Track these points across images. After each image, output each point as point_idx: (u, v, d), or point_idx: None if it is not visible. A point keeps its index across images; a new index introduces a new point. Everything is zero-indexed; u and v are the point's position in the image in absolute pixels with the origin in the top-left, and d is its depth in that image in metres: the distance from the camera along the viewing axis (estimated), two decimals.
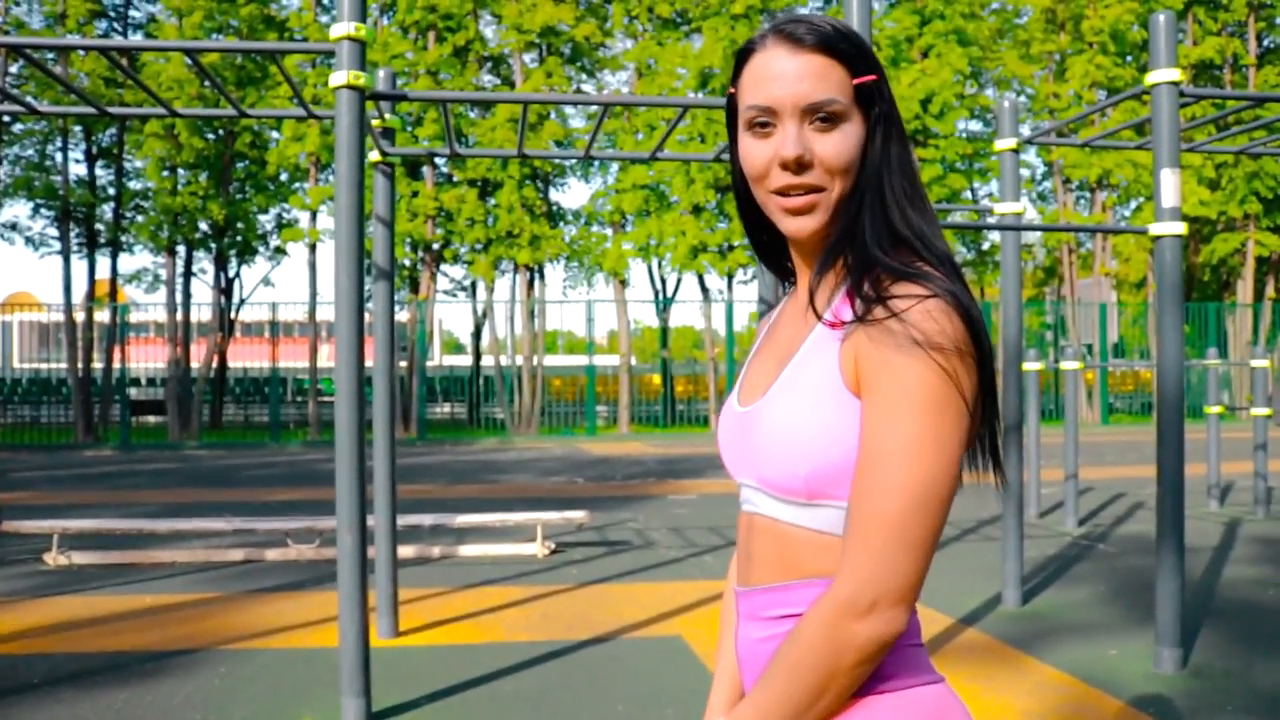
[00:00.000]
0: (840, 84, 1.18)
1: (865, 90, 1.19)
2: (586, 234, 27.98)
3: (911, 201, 1.20)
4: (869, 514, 1.10)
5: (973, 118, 29.74)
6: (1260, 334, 28.67)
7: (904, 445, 1.10)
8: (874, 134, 1.20)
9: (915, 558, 1.10)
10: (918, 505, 1.09)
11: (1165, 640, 5.05)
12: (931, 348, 1.10)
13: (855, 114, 1.19)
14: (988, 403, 1.20)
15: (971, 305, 1.13)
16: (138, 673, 5.09)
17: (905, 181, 1.20)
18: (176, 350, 25.27)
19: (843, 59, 1.18)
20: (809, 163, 1.18)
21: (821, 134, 1.18)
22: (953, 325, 1.11)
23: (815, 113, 1.17)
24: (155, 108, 6.09)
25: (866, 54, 1.20)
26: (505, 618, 6.26)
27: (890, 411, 1.11)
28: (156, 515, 10.41)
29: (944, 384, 1.10)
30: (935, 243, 1.19)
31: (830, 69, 1.18)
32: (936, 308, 1.11)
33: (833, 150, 1.18)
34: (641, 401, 29.44)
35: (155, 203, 25.62)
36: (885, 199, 1.19)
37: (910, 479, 1.09)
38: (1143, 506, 10.88)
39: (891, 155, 1.21)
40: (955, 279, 1.16)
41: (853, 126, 1.19)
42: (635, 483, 14.20)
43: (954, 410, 1.11)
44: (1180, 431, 5.11)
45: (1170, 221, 5.07)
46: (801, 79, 1.17)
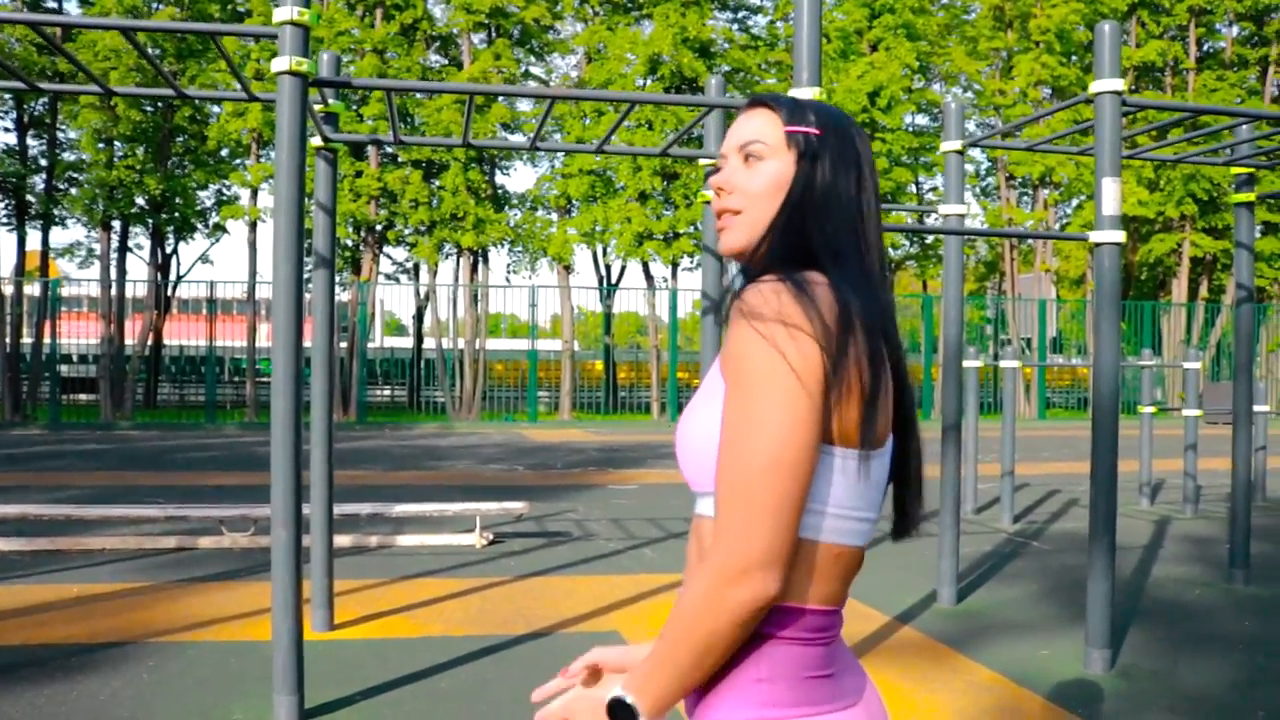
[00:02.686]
0: (771, 130, 1.37)
1: (796, 138, 1.36)
2: (531, 218, 27.82)
3: (846, 234, 1.33)
4: (721, 487, 1.20)
5: (920, 112, 30.01)
6: (1194, 333, 29.31)
7: (741, 418, 1.19)
8: (802, 173, 1.35)
9: (769, 523, 1.17)
10: (762, 472, 1.17)
11: (1095, 642, 5.13)
12: (752, 318, 1.19)
13: (785, 155, 1.36)
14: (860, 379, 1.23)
15: (811, 290, 1.22)
16: (63, 667, 4.96)
17: (844, 216, 1.34)
18: (110, 327, 24.71)
19: (778, 111, 1.38)
20: (729, 189, 1.38)
21: (748, 168, 1.37)
22: (778, 299, 1.20)
23: (742, 149, 1.38)
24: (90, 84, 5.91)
25: (805, 114, 1.38)
26: (442, 610, 6.21)
27: (731, 388, 1.22)
28: (86, 499, 10.18)
29: (766, 353, 1.18)
30: (848, 266, 1.30)
31: (766, 118, 1.38)
32: (766, 286, 1.22)
33: (747, 180, 1.37)
34: (584, 388, 29.39)
35: (90, 175, 25.00)
36: (808, 225, 1.33)
37: (749, 449, 1.17)
38: (1077, 504, 11.08)
39: (830, 191, 1.34)
40: (839, 286, 1.25)
41: (776, 164, 1.36)
42: (576, 471, 14.16)
43: (780, 378, 1.18)
44: (1114, 433, 5.18)
45: (1110, 230, 5.13)
46: (744, 126, 1.40)
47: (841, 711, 1.27)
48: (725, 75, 27.05)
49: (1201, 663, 5.30)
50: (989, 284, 34.83)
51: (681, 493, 11.54)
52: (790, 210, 1.33)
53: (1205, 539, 8.96)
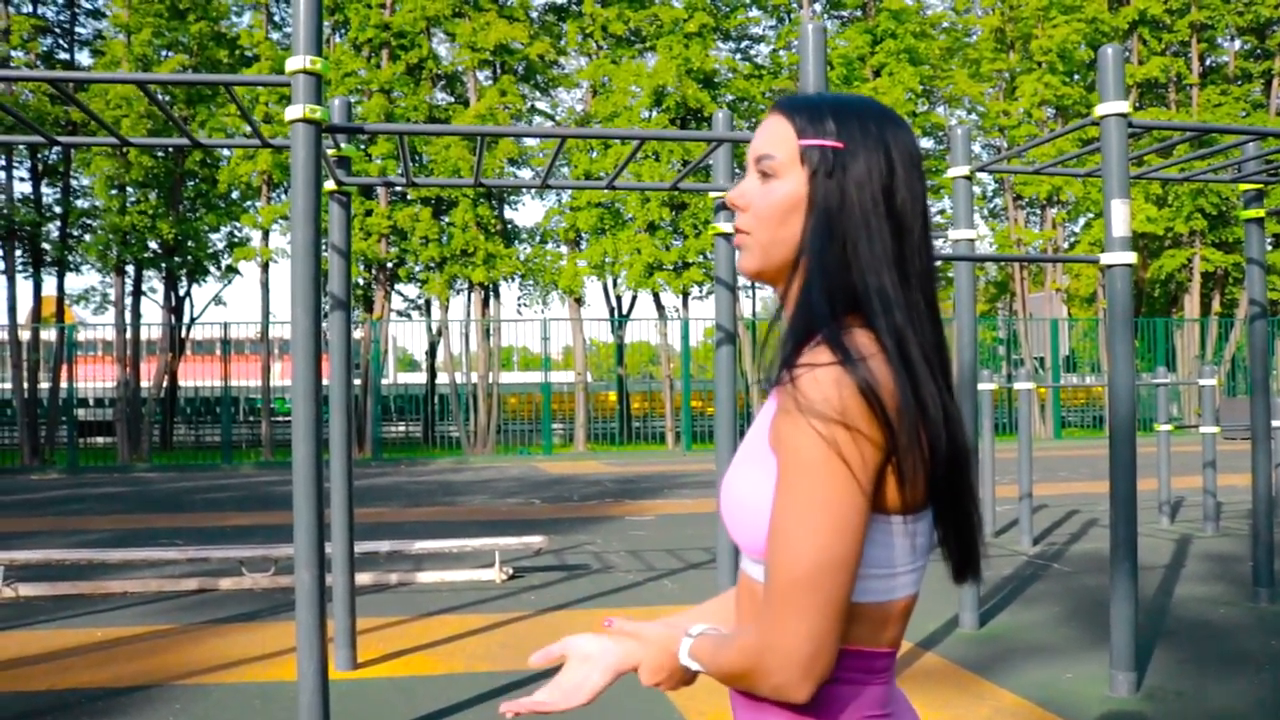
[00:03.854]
0: (784, 143, 1.25)
1: (810, 152, 1.23)
2: (541, 252, 27.95)
3: (885, 263, 1.21)
4: (768, 581, 1.15)
5: (925, 135, 30.12)
6: (1207, 348, 29.21)
7: (791, 515, 1.13)
8: (819, 193, 1.22)
9: (808, 624, 1.12)
10: (808, 578, 1.12)
11: (1120, 665, 5.11)
12: (812, 415, 1.11)
13: (798, 172, 1.24)
14: (924, 459, 1.17)
15: (874, 379, 1.13)
16: (88, 711, 4.99)
17: (879, 243, 1.21)
18: (125, 370, 24.86)
19: (793, 121, 1.25)
20: (742, 206, 1.28)
21: (761, 184, 1.26)
22: (839, 395, 1.11)
23: (757, 164, 1.27)
24: (103, 135, 6.01)
25: (823, 122, 1.23)
26: (465, 647, 6.21)
27: (781, 479, 1.15)
28: (107, 543, 10.23)
29: (823, 453, 1.11)
30: (896, 312, 1.19)
31: (779, 127, 1.26)
32: (826, 376, 1.12)
33: (756, 199, 1.26)
34: (598, 419, 29.42)
35: (104, 221, 25.24)
36: (843, 257, 1.21)
37: (799, 552, 1.12)
38: (1096, 524, 11.03)
39: (856, 214, 1.21)
40: (896, 354, 1.16)
41: (787, 183, 1.24)
42: (593, 503, 14.16)
43: (837, 480, 1.11)
44: (1132, 454, 5.19)
45: (1121, 251, 5.16)
46: (759, 136, 1.28)
47: None
48: (730, 105, 27.23)
49: (1229, 683, 5.27)
50: (1000, 305, 34.79)
51: (698, 523, 11.54)
52: (813, 239, 1.21)
53: (1228, 557, 8.91)
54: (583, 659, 1.40)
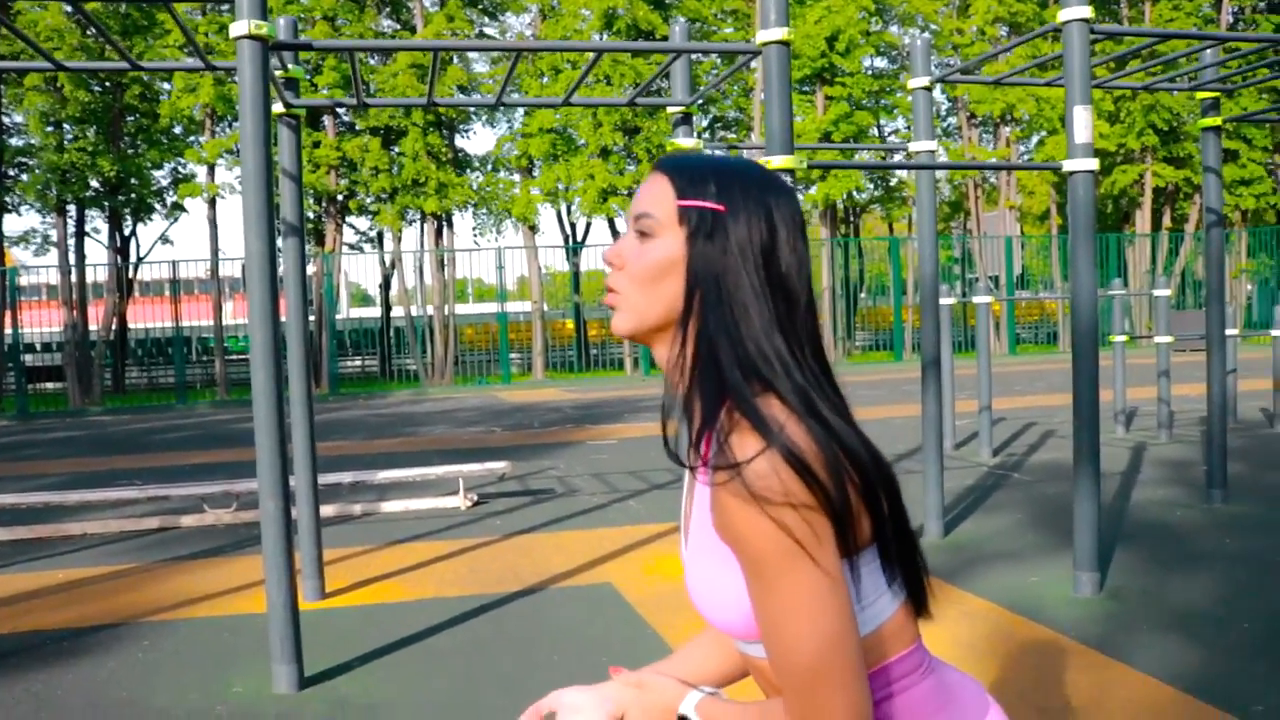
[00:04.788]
0: (663, 203, 1.21)
1: (689, 213, 1.20)
2: (494, 180, 27.58)
3: (773, 328, 1.18)
4: (783, 679, 1.14)
5: (878, 54, 29.90)
6: (1158, 263, 29.57)
7: (780, 616, 1.11)
8: (697, 256, 1.19)
9: (842, 698, 1.12)
10: (819, 662, 1.11)
11: (1083, 565, 5.20)
12: (761, 501, 1.09)
13: (674, 231, 1.20)
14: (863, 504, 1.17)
15: (796, 446, 1.10)
16: (55, 652, 4.92)
17: (765, 308, 1.18)
18: (72, 313, 24.33)
19: (674, 181, 1.21)
20: (618, 265, 1.24)
21: (639, 243, 1.23)
22: (779, 478, 1.09)
23: (635, 223, 1.23)
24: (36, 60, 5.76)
25: (705, 184, 1.20)
26: (432, 573, 6.20)
27: (752, 580, 1.13)
28: (63, 486, 10.08)
29: (784, 545, 1.10)
30: (795, 373, 1.17)
31: (661, 188, 1.22)
32: (764, 465, 1.10)
33: (632, 258, 1.23)
34: (555, 347, 29.33)
35: (41, 160, 24.49)
36: (733, 321, 1.18)
37: (802, 646, 1.11)
38: (1054, 435, 11.20)
39: (738, 281, 1.18)
40: (806, 413, 1.14)
41: (664, 243, 1.21)
42: (554, 430, 14.16)
43: (806, 567, 1.10)
44: (1095, 364, 5.23)
45: (1083, 158, 5.14)
46: (639, 195, 1.25)
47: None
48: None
49: (1188, 580, 5.38)
50: (954, 224, 34.94)
51: (660, 446, 11.55)
52: (705, 305, 1.18)
53: (1182, 462, 9.08)
54: (573, 710, 1.36)
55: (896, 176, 30.54)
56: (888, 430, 12.21)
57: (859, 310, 31.89)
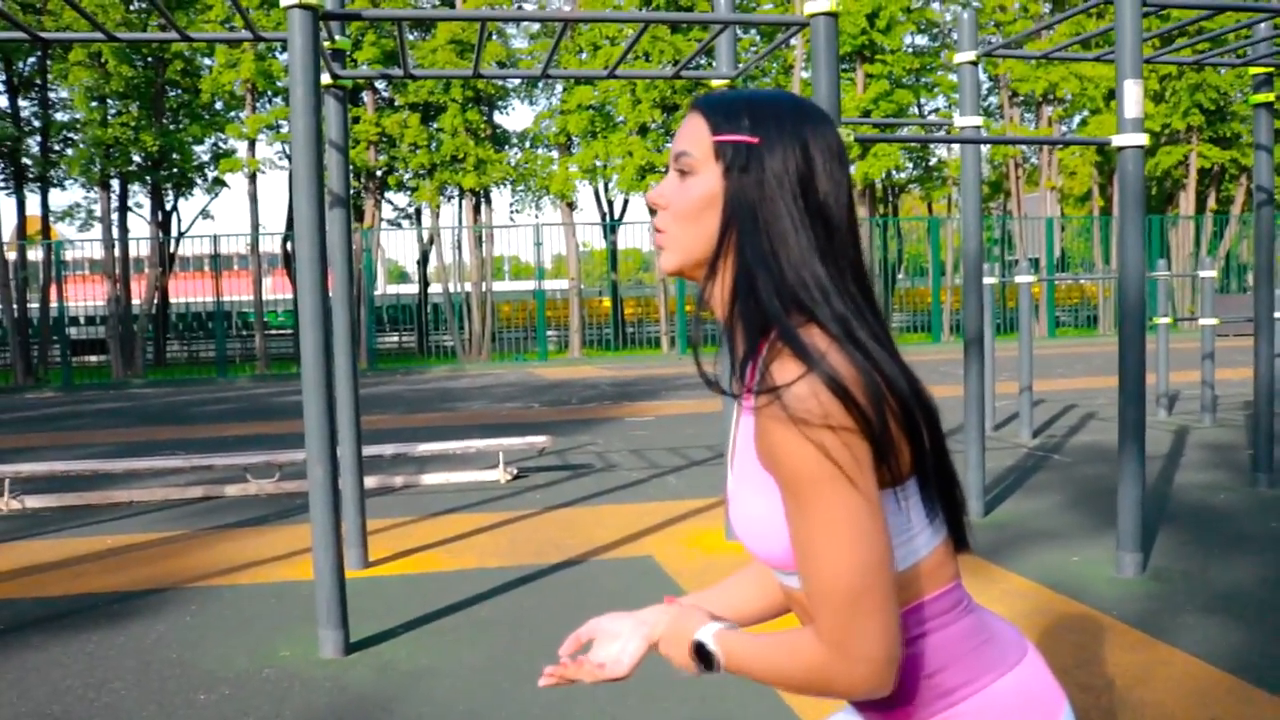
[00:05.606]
0: (699, 140, 1.23)
1: (724, 148, 1.22)
2: (532, 157, 27.61)
3: (814, 256, 1.20)
4: (820, 602, 1.14)
5: (920, 32, 29.57)
6: (1202, 245, 29.13)
7: (817, 538, 1.13)
8: (738, 186, 1.21)
9: (875, 625, 1.13)
10: (854, 586, 1.12)
11: (1126, 545, 5.16)
12: (799, 424, 1.11)
13: (712, 168, 1.22)
14: (903, 434, 1.17)
15: (837, 372, 1.12)
16: (106, 614, 5.02)
17: (805, 236, 1.20)
18: (115, 287, 24.65)
19: (709, 118, 1.24)
20: (662, 205, 1.27)
21: (679, 182, 1.25)
22: (818, 402, 1.11)
23: (675, 163, 1.26)
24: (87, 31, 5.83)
25: (739, 118, 1.22)
26: (474, 544, 6.26)
27: (790, 502, 1.14)
28: (109, 456, 10.24)
29: (822, 467, 1.11)
30: (834, 299, 1.18)
31: (695, 125, 1.25)
32: (804, 388, 1.11)
33: (674, 197, 1.25)
34: (592, 325, 29.39)
35: (85, 135, 24.77)
36: (773, 251, 1.20)
37: (836, 568, 1.12)
38: (1095, 417, 11.10)
39: (777, 208, 1.20)
40: (847, 340, 1.16)
41: (703, 180, 1.23)
42: (592, 406, 14.20)
43: (843, 489, 1.11)
44: (1142, 340, 5.17)
45: (1133, 133, 5.07)
46: (678, 135, 1.27)
47: (1016, 668, 1.26)
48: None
49: (1231, 563, 5.33)
50: (994, 205, 34.58)
51: (698, 422, 11.58)
52: (741, 236, 1.20)
53: (1225, 446, 8.98)
54: (612, 636, 1.41)
55: (936, 156, 30.25)
56: None
57: (896, 291, 31.69)
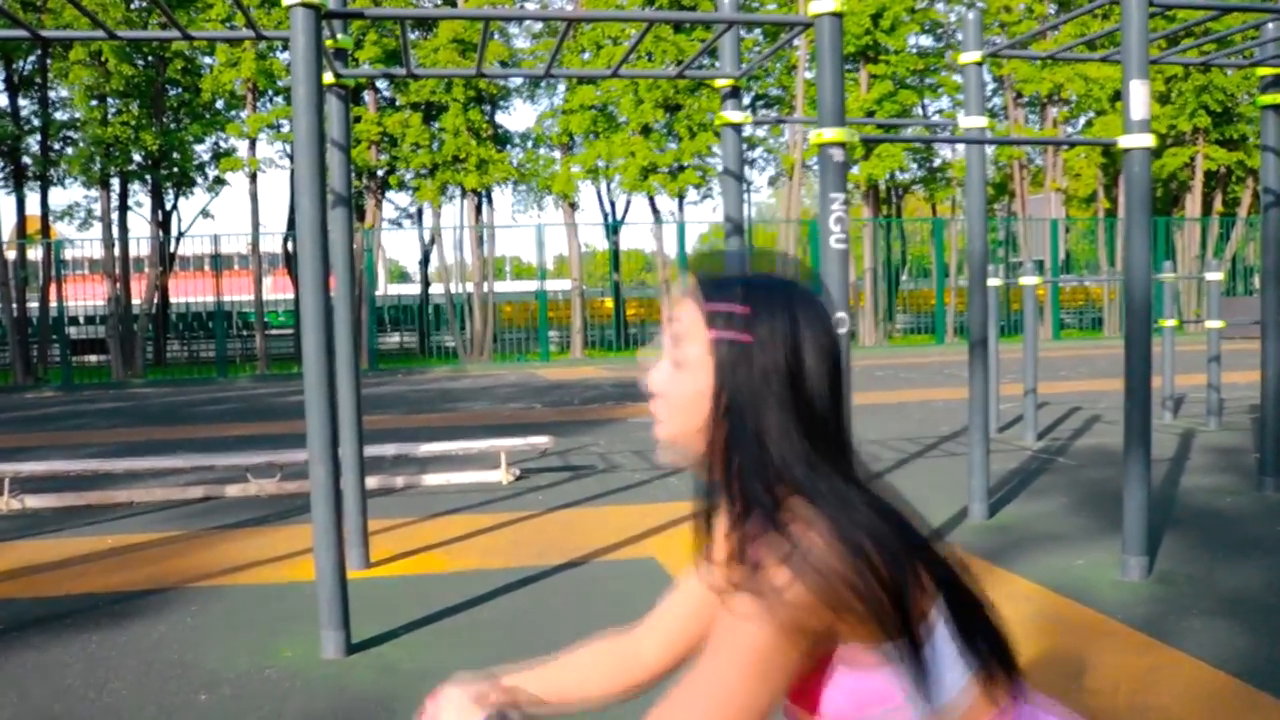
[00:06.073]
0: (693, 328, 1.24)
1: (718, 344, 1.22)
2: (534, 157, 27.58)
3: (801, 454, 1.20)
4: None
5: (924, 32, 29.54)
6: (1208, 247, 29.08)
7: (696, 691, 1.14)
8: (729, 385, 1.21)
9: None
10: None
11: (1132, 549, 5.13)
12: (760, 608, 1.12)
13: (706, 363, 1.23)
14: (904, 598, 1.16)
15: (822, 568, 1.12)
16: (107, 614, 4.99)
17: (794, 433, 1.21)
18: (115, 286, 24.62)
19: (703, 309, 1.24)
20: (657, 391, 1.29)
21: (673, 371, 1.26)
22: (788, 594, 1.11)
23: (670, 349, 1.27)
24: (88, 29, 5.81)
25: (730, 313, 1.22)
26: (476, 545, 6.23)
27: (705, 654, 1.16)
28: (109, 455, 10.21)
29: (749, 646, 1.12)
30: (823, 484, 1.19)
31: (692, 318, 1.25)
32: (777, 577, 1.12)
33: (670, 389, 1.26)
34: (594, 325, 29.36)
35: (85, 133, 24.74)
36: (763, 447, 1.20)
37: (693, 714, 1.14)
38: (1099, 420, 11.06)
39: (765, 406, 1.21)
40: (830, 529, 1.15)
41: (696, 376, 1.24)
42: (594, 407, 14.17)
43: (748, 674, 1.12)
44: (1148, 342, 5.14)
45: (1140, 134, 5.04)
46: (674, 319, 1.28)
47: None
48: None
49: (1237, 567, 5.30)
50: (998, 206, 34.54)
51: None
52: (731, 433, 1.22)
53: (1232, 449, 8.94)
54: (447, 701, 1.44)
55: (940, 157, 30.22)
56: (930, 413, 12.14)
57: (899, 292, 31.66)
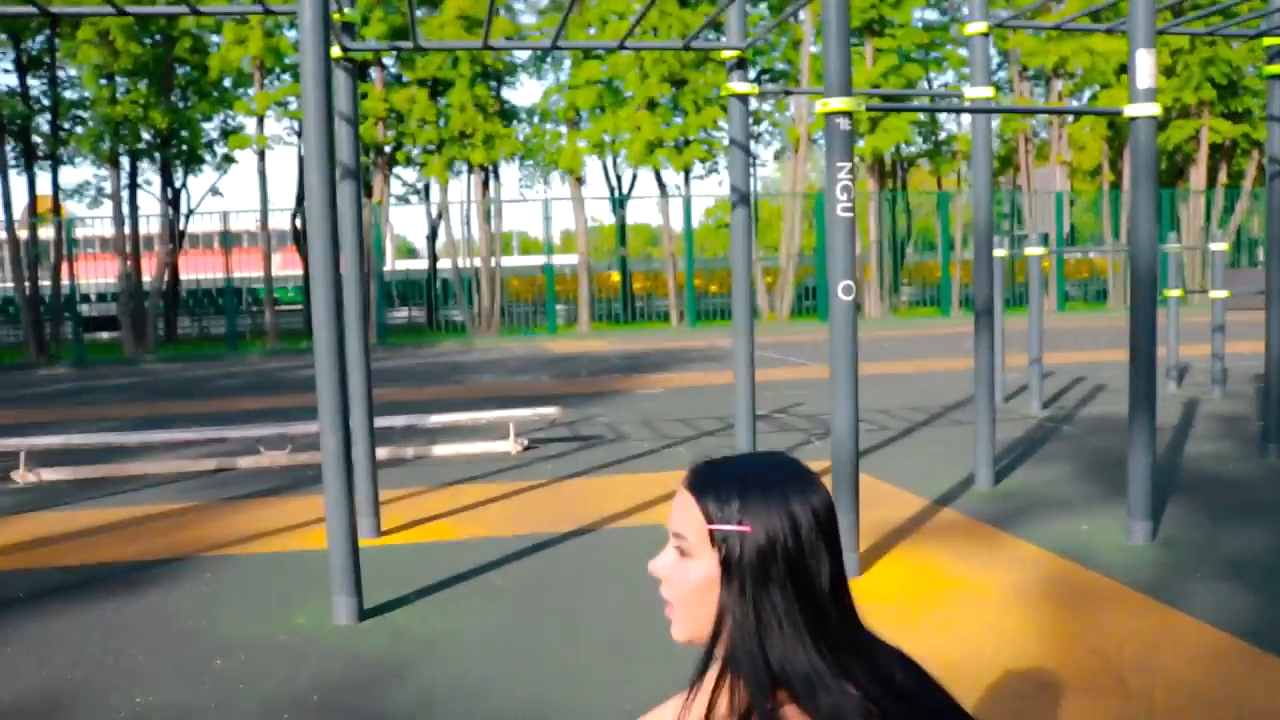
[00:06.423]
0: (694, 525, 1.27)
1: (718, 536, 1.26)
2: (541, 132, 27.54)
3: (803, 640, 1.23)
4: None
5: (929, 6, 29.38)
6: (1213, 220, 28.97)
7: None
8: (731, 576, 1.25)
9: None
10: None
11: (1136, 513, 5.18)
12: None
13: (708, 553, 1.26)
14: None
15: None
16: (123, 583, 5.07)
17: (793, 619, 1.23)
18: (126, 264, 24.70)
19: (701, 504, 1.27)
20: (664, 579, 1.32)
21: (678, 560, 1.30)
22: None
23: (673, 539, 1.30)
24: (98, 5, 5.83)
25: (729, 504, 1.26)
26: (485, 514, 6.30)
27: None
28: (122, 430, 10.30)
29: None
30: (821, 693, 1.20)
31: (691, 511, 1.28)
32: None
33: (676, 577, 1.30)
34: (601, 299, 29.38)
35: (94, 112, 24.76)
36: (762, 640, 1.23)
37: None
38: (1104, 389, 11.09)
39: (765, 598, 1.24)
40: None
41: (701, 565, 1.27)
42: (601, 379, 14.23)
43: None
44: (1153, 308, 5.17)
45: (1145, 103, 5.05)
46: (674, 511, 1.31)
47: None
48: None
49: (1241, 531, 5.35)
50: (1003, 179, 34.41)
51: (709, 394, 11.60)
52: (734, 627, 1.25)
53: (1236, 418, 8.97)
54: None
55: (946, 130, 30.11)
56: (936, 383, 12.17)
57: (905, 266, 31.62)
